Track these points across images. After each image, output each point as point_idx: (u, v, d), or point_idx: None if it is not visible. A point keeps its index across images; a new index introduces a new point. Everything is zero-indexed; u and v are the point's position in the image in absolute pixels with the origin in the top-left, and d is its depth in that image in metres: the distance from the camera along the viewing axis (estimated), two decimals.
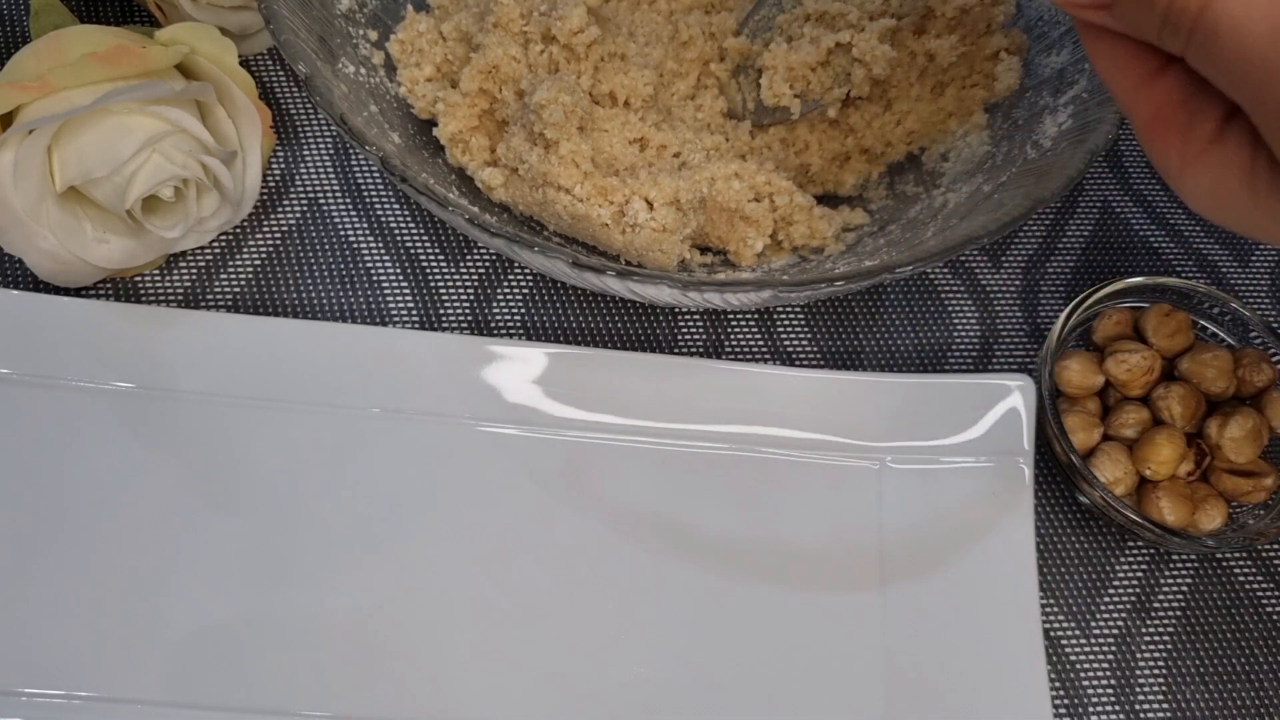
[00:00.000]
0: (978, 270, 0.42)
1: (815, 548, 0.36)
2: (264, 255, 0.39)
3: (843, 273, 0.34)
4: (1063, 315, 0.38)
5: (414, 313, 0.39)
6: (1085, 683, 0.35)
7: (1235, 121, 0.22)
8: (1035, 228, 0.44)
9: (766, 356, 0.39)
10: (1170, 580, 0.37)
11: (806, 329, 0.40)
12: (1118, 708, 0.35)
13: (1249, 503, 0.37)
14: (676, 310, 0.40)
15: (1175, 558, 0.38)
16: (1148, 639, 0.36)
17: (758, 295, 0.32)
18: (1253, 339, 0.39)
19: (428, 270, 0.40)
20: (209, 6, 0.39)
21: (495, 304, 0.39)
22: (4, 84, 0.33)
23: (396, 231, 0.40)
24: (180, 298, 0.38)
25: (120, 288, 0.38)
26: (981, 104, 0.40)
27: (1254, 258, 0.44)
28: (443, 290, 0.39)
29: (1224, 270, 0.43)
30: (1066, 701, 0.35)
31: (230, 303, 0.38)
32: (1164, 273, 0.43)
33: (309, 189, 0.40)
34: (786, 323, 0.40)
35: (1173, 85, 0.23)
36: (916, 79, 0.40)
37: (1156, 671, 0.36)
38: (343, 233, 0.40)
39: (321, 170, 0.41)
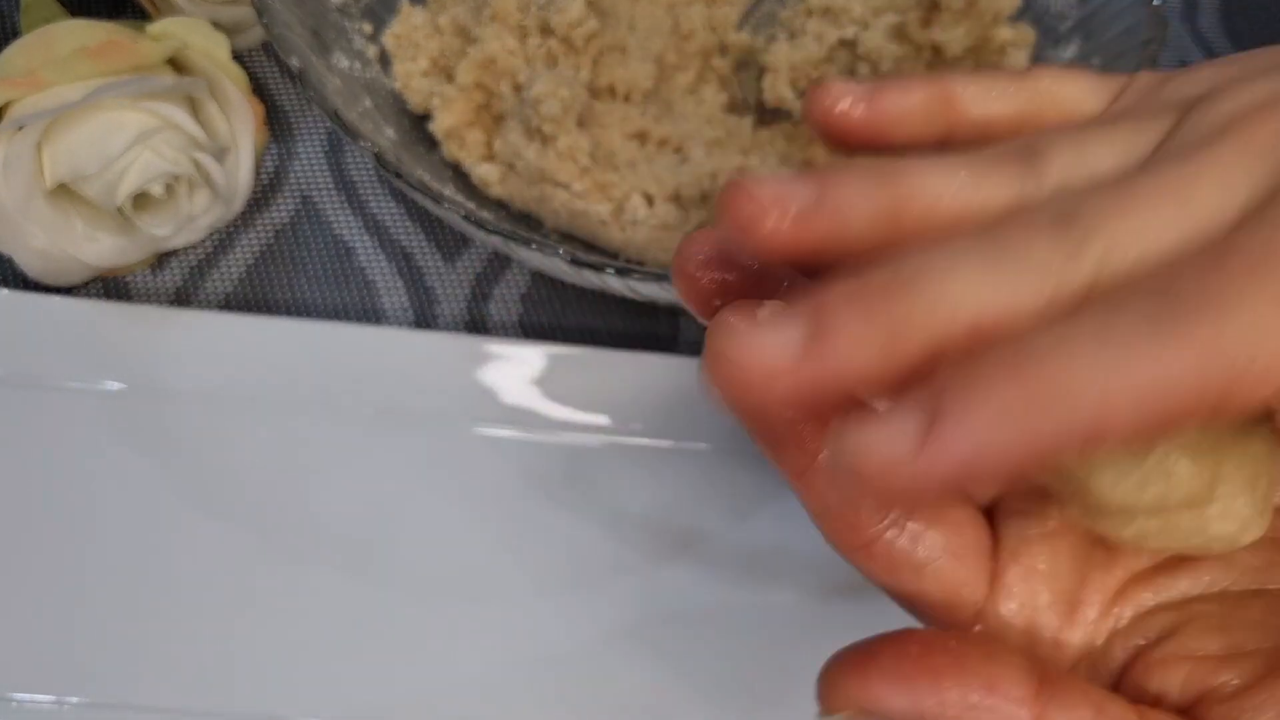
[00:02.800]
0: None
1: (819, 548, 0.35)
2: (256, 253, 0.39)
3: None
4: None
5: (409, 311, 0.38)
6: None
7: None
8: None
9: None
10: None
11: None
12: None
13: None
14: (677, 309, 0.39)
15: None
16: None
17: None
18: None
19: (423, 268, 0.39)
20: (201, 0, 0.39)
21: (491, 302, 0.39)
22: None
23: (391, 228, 0.40)
24: (171, 296, 0.38)
25: (111, 286, 0.37)
26: None
27: None
28: (438, 288, 0.39)
29: None
30: None
31: (222, 301, 0.38)
32: None
33: (302, 185, 0.40)
34: None
35: None
36: (923, 71, 0.39)
37: None
38: (336, 230, 0.39)
39: (315, 166, 0.40)
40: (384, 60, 0.39)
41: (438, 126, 0.37)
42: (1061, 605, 0.19)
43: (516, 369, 0.36)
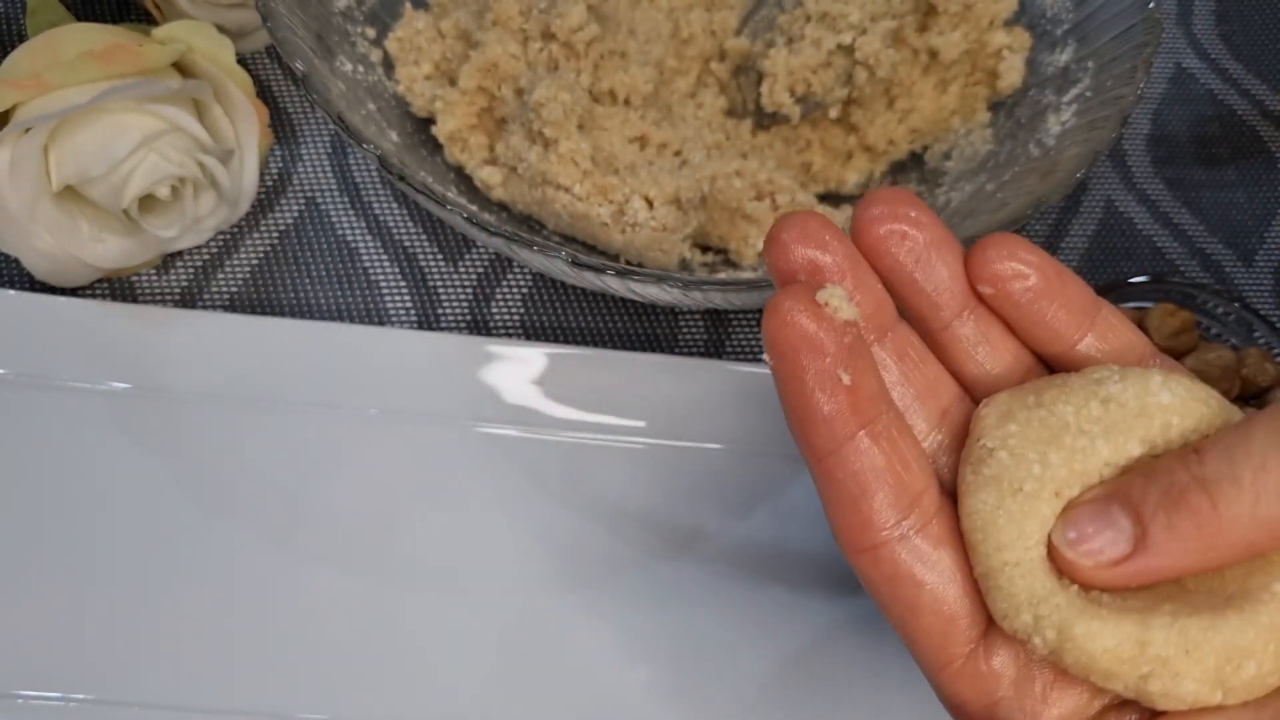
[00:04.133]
0: None
1: (819, 548, 0.35)
2: (261, 254, 0.39)
3: None
4: None
5: (412, 312, 0.39)
6: None
7: None
8: (1038, 227, 0.43)
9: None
10: None
11: None
12: None
13: None
14: (677, 310, 0.40)
15: None
16: None
17: (759, 295, 0.32)
18: (1256, 339, 0.39)
19: (426, 269, 0.39)
20: (206, 4, 0.39)
21: (494, 303, 0.39)
22: (0, 82, 0.33)
23: (394, 230, 0.40)
24: (177, 297, 0.38)
25: (117, 287, 0.38)
26: (985, 102, 0.40)
27: (1258, 258, 0.44)
28: (441, 290, 0.39)
29: (1228, 270, 0.43)
30: None
31: (227, 302, 0.38)
32: (1168, 272, 0.43)
33: (306, 188, 0.40)
34: None
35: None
36: (920, 76, 0.40)
37: None
38: (340, 232, 0.40)
39: (319, 169, 0.41)
40: (387, 64, 0.39)
41: (440, 130, 0.37)
42: (1055, 666, 0.20)
43: (518, 369, 0.36)
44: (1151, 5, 0.36)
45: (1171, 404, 0.20)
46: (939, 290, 0.21)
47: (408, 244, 0.40)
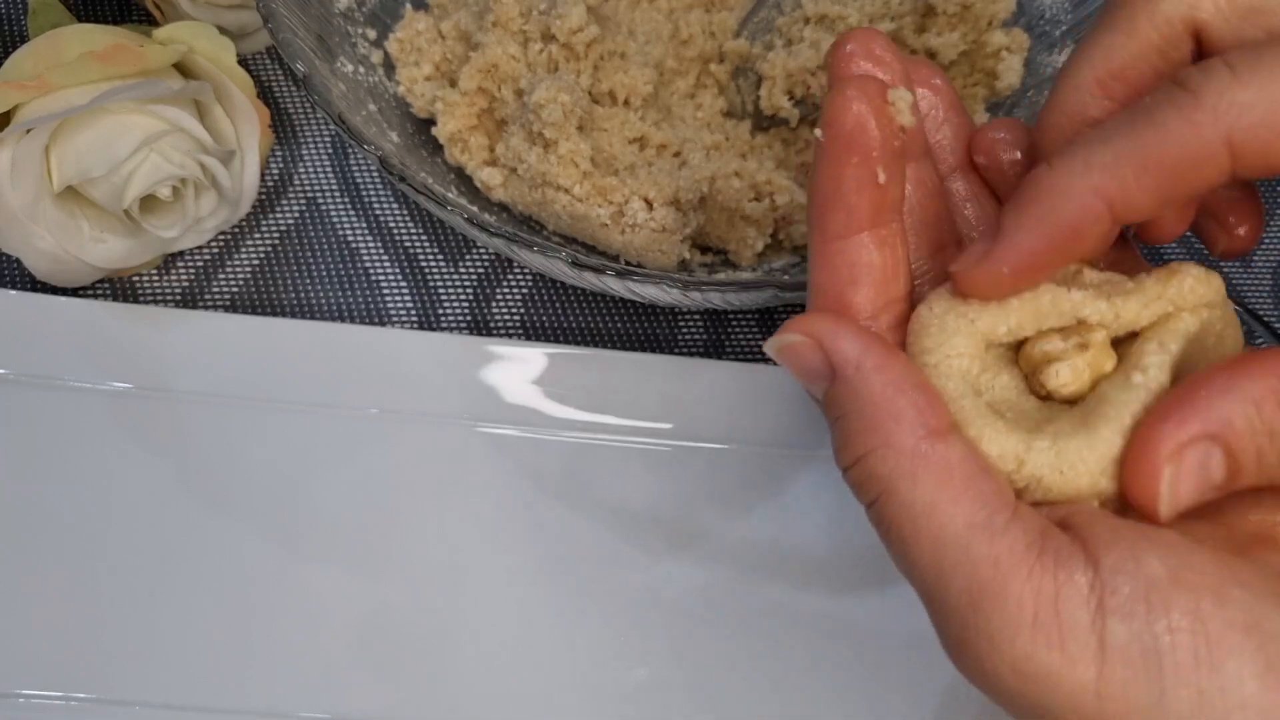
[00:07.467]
0: None
1: (818, 547, 0.35)
2: (262, 255, 0.39)
3: None
4: None
5: (413, 313, 0.39)
6: None
7: None
8: None
9: (767, 356, 0.39)
10: None
11: None
12: None
13: None
14: (676, 310, 0.40)
15: None
16: None
17: (758, 295, 0.32)
18: (1255, 340, 0.39)
19: (426, 270, 0.39)
20: (207, 5, 0.39)
21: (494, 304, 0.39)
22: (1, 83, 0.33)
23: (395, 231, 0.40)
24: (178, 298, 0.38)
25: (118, 287, 0.38)
26: (983, 103, 0.40)
27: (1256, 259, 0.44)
28: (441, 290, 0.39)
29: (1226, 271, 0.43)
30: None
31: (228, 303, 0.38)
32: None
33: (307, 188, 0.40)
34: None
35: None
36: None
37: None
38: (341, 232, 0.40)
39: (320, 170, 0.41)
40: (388, 65, 0.39)
41: (441, 131, 0.37)
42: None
43: (518, 369, 0.36)
44: None
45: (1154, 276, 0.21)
46: (941, 145, 0.23)
47: (408, 244, 0.40)
